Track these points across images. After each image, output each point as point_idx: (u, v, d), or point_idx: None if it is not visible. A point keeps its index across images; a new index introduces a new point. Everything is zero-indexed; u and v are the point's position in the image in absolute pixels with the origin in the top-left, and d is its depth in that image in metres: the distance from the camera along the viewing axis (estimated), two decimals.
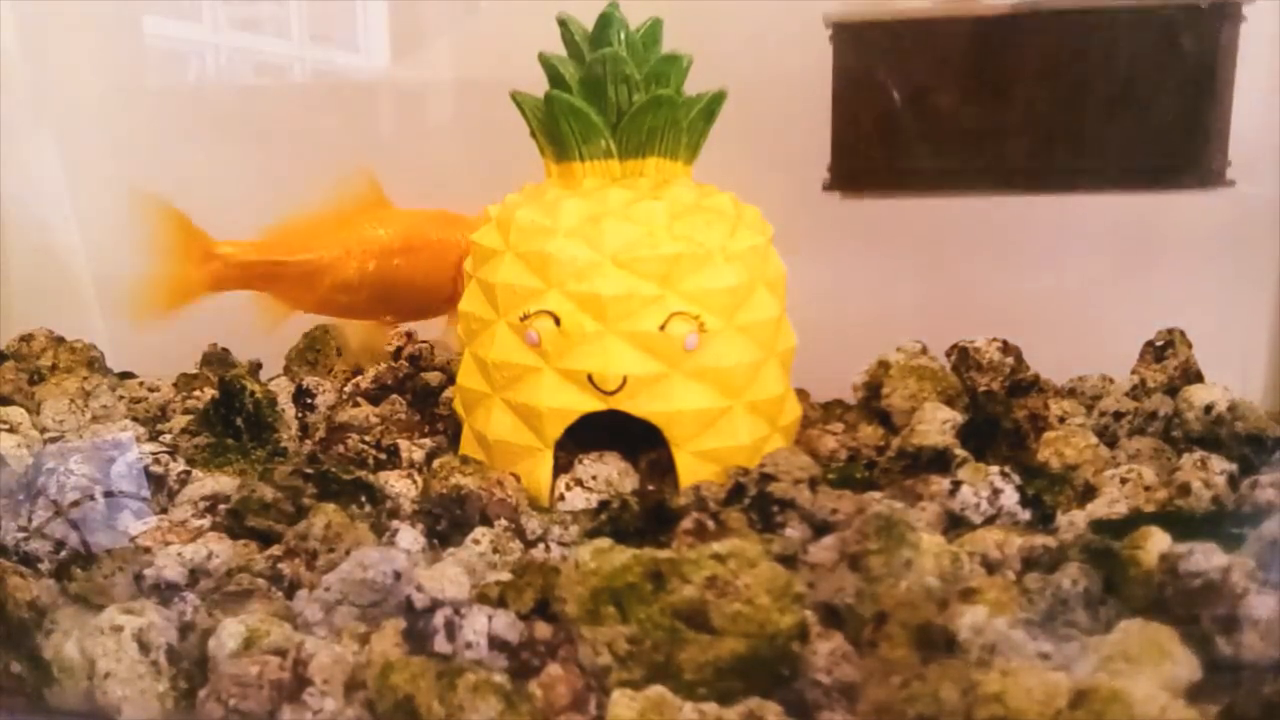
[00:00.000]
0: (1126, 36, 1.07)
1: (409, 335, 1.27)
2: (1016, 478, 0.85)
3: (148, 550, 0.83)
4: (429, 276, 1.17)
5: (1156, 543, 0.70)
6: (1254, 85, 1.11)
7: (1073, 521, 0.82)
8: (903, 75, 1.08)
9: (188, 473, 0.97)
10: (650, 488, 0.94)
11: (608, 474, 0.94)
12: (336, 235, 1.17)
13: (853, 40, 1.11)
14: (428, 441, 1.04)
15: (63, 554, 0.83)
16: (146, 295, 1.13)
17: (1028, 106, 1.12)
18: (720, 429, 0.93)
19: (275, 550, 0.81)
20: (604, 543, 0.69)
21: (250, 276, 1.16)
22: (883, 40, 1.11)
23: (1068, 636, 0.66)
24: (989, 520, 0.82)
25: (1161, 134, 1.08)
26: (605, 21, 0.94)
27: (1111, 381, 1.10)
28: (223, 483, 0.94)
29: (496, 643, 0.66)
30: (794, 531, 0.82)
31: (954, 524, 0.82)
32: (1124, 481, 0.88)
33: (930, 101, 1.14)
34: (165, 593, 0.77)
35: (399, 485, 0.93)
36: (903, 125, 1.16)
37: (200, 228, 1.15)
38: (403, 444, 1.01)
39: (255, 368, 1.30)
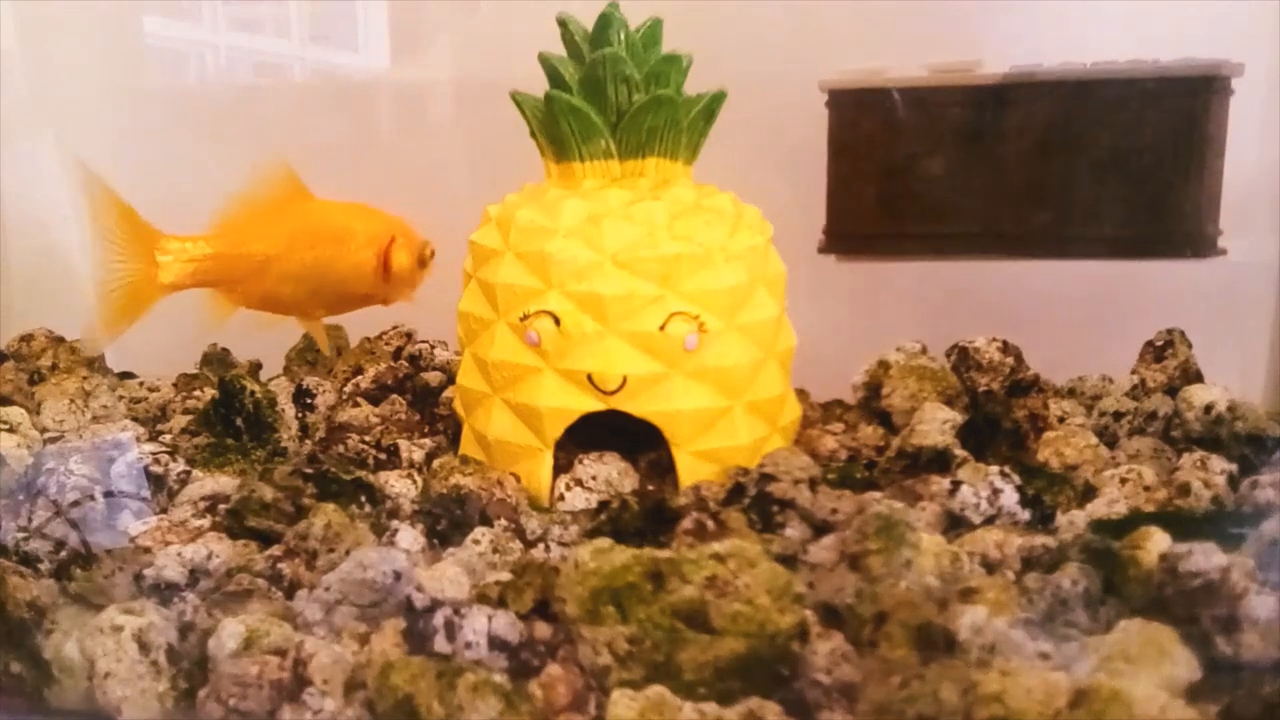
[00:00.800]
0: (1118, 107, 1.09)
1: (409, 335, 1.27)
2: (1016, 478, 0.85)
3: (148, 550, 0.83)
4: (356, 268, 1.17)
5: (1156, 543, 0.70)
6: (1244, 155, 1.13)
7: (1072, 521, 0.82)
8: (896, 142, 1.09)
9: (188, 473, 0.97)
10: (650, 488, 0.94)
11: (608, 474, 0.94)
12: (278, 227, 1.16)
13: (848, 107, 1.13)
14: (428, 441, 1.04)
15: (63, 554, 0.83)
16: (107, 310, 1.11)
17: (1020, 174, 1.14)
18: (720, 429, 0.93)
19: (275, 550, 0.81)
20: (604, 543, 0.69)
21: (203, 273, 1.14)
22: (877, 107, 1.12)
23: (1067, 636, 0.66)
24: (989, 520, 0.82)
25: (1153, 203, 1.09)
26: (605, 21, 0.94)
27: (1111, 381, 1.10)
28: (223, 483, 0.94)
29: (496, 643, 0.66)
30: (794, 531, 0.82)
31: (954, 524, 0.82)
32: (1124, 481, 0.88)
33: (924, 168, 1.16)
34: (165, 593, 0.77)
35: (399, 485, 0.93)
36: (897, 191, 1.18)
37: (149, 223, 1.12)
38: (403, 444, 1.01)
39: (255, 368, 1.30)
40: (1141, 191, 1.10)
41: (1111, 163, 1.07)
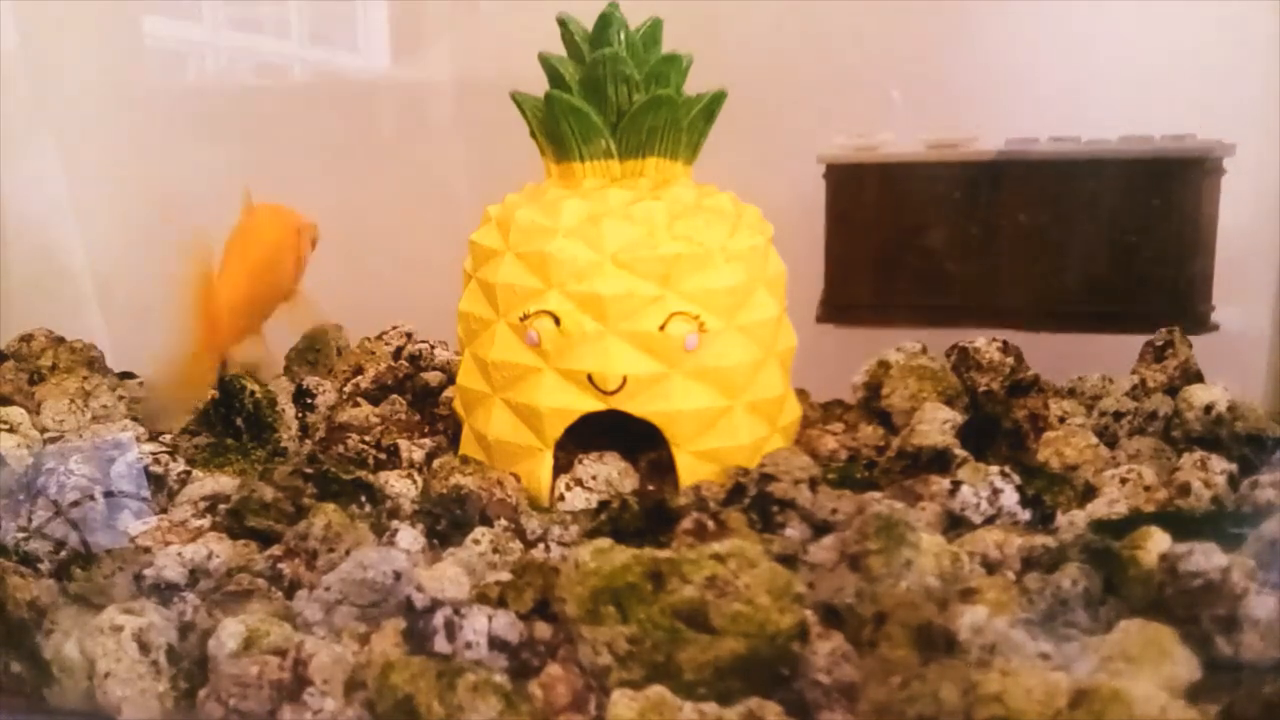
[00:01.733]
0: (1110, 186, 1.11)
1: (409, 335, 1.27)
2: (1016, 478, 0.85)
3: (148, 550, 0.83)
4: (285, 278, 1.18)
5: (1156, 543, 0.70)
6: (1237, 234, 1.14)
7: (1073, 521, 0.82)
8: (893, 215, 1.12)
9: (188, 473, 0.97)
10: (650, 488, 0.94)
11: (608, 474, 0.94)
12: (239, 266, 1.14)
13: (845, 180, 1.15)
14: (428, 441, 1.04)
15: (63, 554, 0.83)
16: (176, 385, 1.08)
17: (1014, 248, 1.16)
18: (720, 429, 0.93)
19: (275, 550, 0.81)
20: (604, 543, 0.69)
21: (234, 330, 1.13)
22: (873, 181, 1.15)
23: (1068, 636, 0.66)
24: (989, 520, 0.82)
25: (1146, 281, 1.11)
26: (605, 21, 0.94)
27: (1111, 381, 1.10)
28: (223, 483, 0.94)
29: (496, 643, 0.66)
30: (794, 531, 0.82)
31: (954, 524, 0.82)
32: (1124, 481, 0.88)
33: (920, 241, 1.19)
34: (165, 593, 0.77)
35: (399, 485, 0.93)
36: (892, 262, 1.20)
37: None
38: (403, 444, 1.01)
39: (255, 368, 1.30)
40: (1134, 269, 1.12)
41: (1104, 239, 1.10)
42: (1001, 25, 1.27)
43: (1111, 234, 1.08)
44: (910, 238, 1.18)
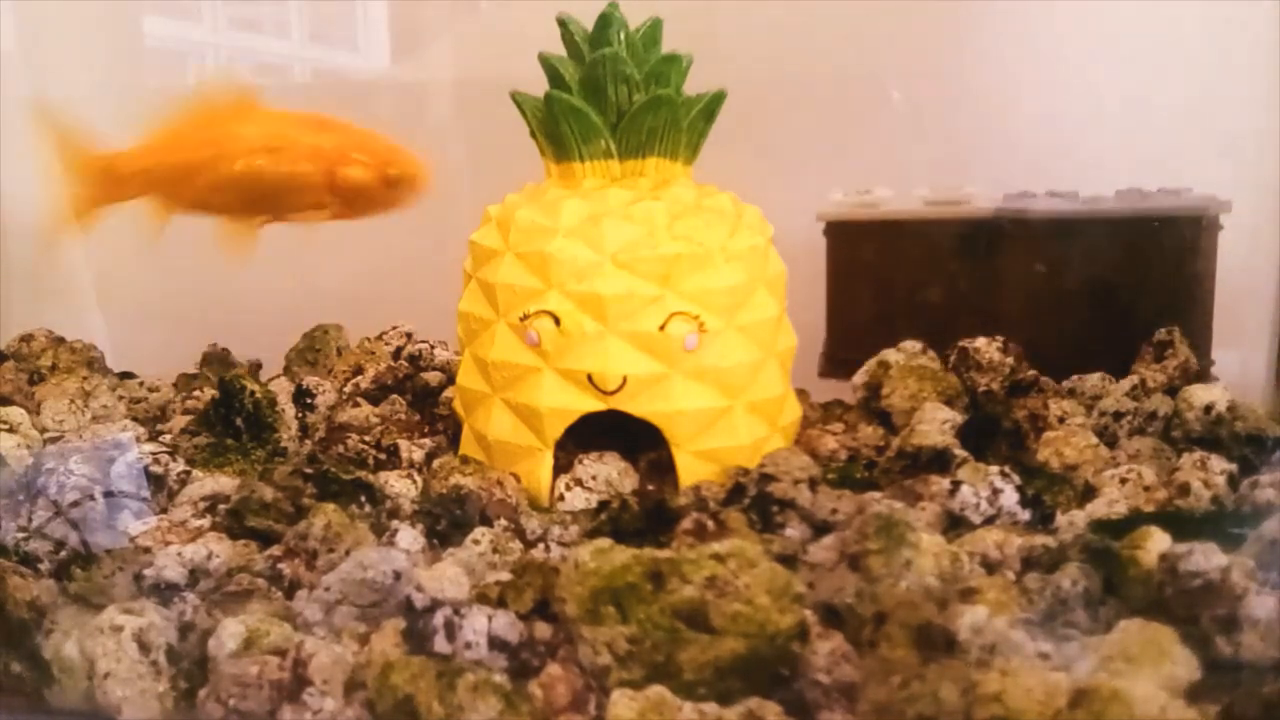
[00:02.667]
0: (1108, 243, 1.12)
1: (409, 335, 1.27)
2: (1016, 478, 0.85)
3: (148, 550, 0.83)
4: (295, 179, 1.17)
5: (1156, 543, 0.70)
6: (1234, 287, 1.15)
7: (1073, 521, 0.82)
8: (892, 271, 1.13)
9: (188, 473, 0.97)
10: (650, 488, 0.94)
11: (608, 474, 0.94)
12: (207, 134, 1.16)
13: (844, 237, 1.17)
14: (428, 441, 1.04)
15: (63, 554, 0.83)
16: (51, 220, 1.16)
17: (1011, 306, 1.17)
18: (720, 429, 0.93)
19: (275, 550, 0.81)
20: (604, 543, 0.69)
21: (140, 183, 1.16)
22: (872, 238, 1.16)
23: (1067, 636, 0.66)
24: (989, 520, 0.82)
25: (1145, 337, 1.11)
26: (605, 21, 0.94)
27: (1112, 381, 1.10)
28: (223, 483, 0.94)
29: (496, 643, 0.66)
30: (794, 531, 0.82)
31: (954, 524, 0.82)
32: (1124, 481, 0.88)
33: (919, 296, 1.20)
34: (165, 593, 0.77)
35: (399, 485, 0.93)
36: (893, 317, 1.21)
37: (88, 137, 1.15)
38: (403, 444, 1.01)
39: (255, 368, 1.30)
40: (1132, 325, 1.12)
41: (1102, 296, 1.10)
42: (999, 76, 1.28)
43: (1109, 290, 1.09)
44: (910, 293, 1.20)
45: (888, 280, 1.11)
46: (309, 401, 1.12)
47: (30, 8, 1.46)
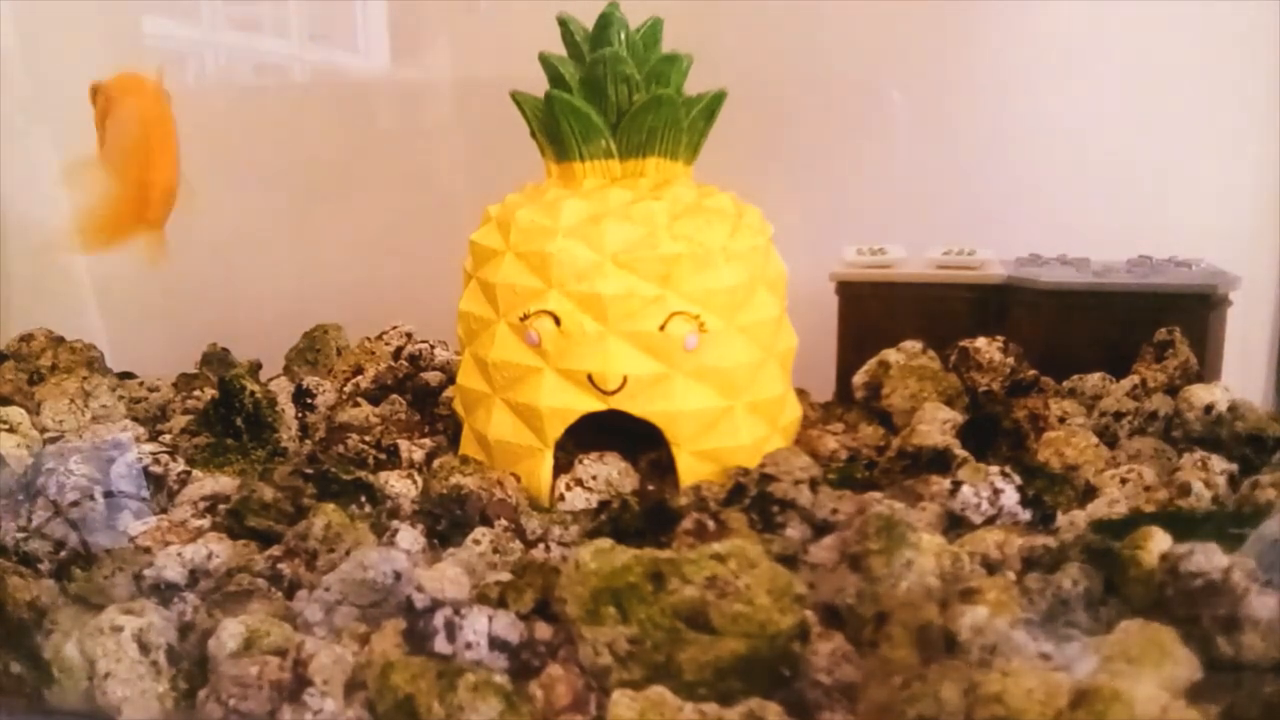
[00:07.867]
0: (1117, 318, 1.12)
1: (409, 335, 1.27)
2: (1017, 478, 0.85)
3: (148, 550, 0.83)
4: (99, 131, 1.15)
5: (1157, 543, 0.70)
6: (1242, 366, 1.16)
7: (1073, 521, 0.82)
8: (902, 330, 1.13)
9: (188, 473, 0.97)
10: (650, 488, 0.94)
11: (608, 474, 0.94)
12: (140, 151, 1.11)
13: (855, 297, 1.18)
14: (428, 441, 1.04)
15: (63, 554, 0.83)
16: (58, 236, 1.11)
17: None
18: (720, 429, 0.93)
19: (275, 550, 0.81)
20: (604, 543, 0.69)
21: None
22: (883, 298, 1.17)
23: (1068, 637, 0.66)
24: (989, 520, 0.82)
25: None
26: (605, 21, 0.94)
27: (1112, 381, 1.10)
28: (223, 483, 0.94)
29: (497, 643, 0.66)
30: (794, 531, 0.82)
31: (954, 524, 0.82)
32: (1124, 481, 0.88)
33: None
34: (165, 593, 0.77)
35: (399, 485, 0.93)
36: None
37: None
38: (403, 444, 1.01)
39: (255, 368, 1.30)
40: None
41: (1110, 368, 1.10)
42: (1009, 140, 1.29)
43: (1117, 363, 1.10)
44: None
45: (897, 340, 1.12)
46: (309, 401, 1.12)
47: (30, 7, 1.46)
